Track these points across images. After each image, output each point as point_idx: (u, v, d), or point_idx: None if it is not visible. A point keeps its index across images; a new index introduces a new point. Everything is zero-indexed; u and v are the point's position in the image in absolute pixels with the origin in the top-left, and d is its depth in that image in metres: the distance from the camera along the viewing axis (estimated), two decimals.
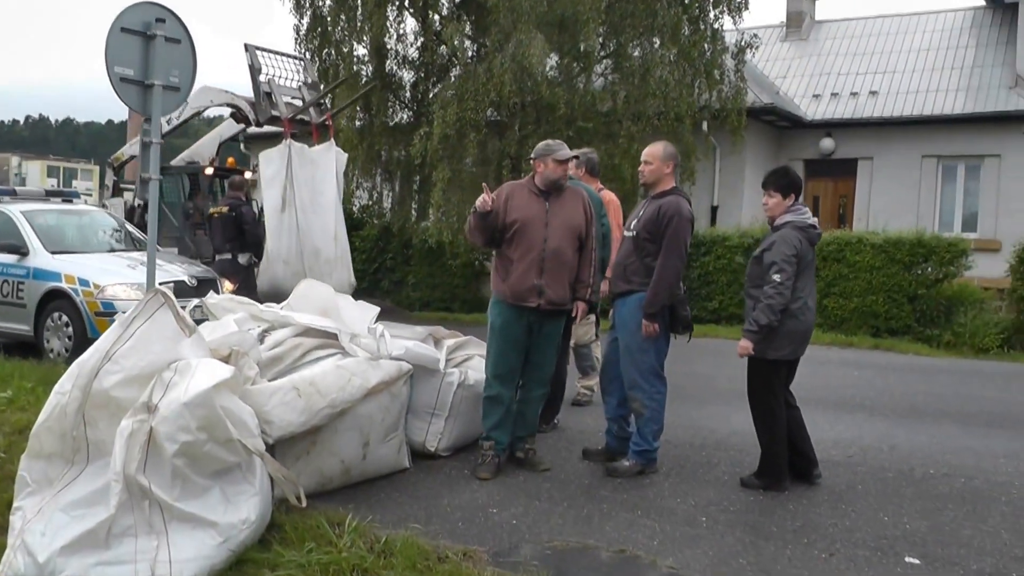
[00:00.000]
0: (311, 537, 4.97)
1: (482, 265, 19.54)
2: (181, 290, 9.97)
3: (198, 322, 5.64)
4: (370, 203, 19.56)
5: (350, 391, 5.66)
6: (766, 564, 4.93)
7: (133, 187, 14.83)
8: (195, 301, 6.92)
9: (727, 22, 18.01)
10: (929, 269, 13.90)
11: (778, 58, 23.98)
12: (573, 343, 8.38)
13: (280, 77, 12.95)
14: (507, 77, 15.47)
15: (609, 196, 8.60)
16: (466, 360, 6.96)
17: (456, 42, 16.76)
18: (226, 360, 5.32)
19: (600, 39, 17.32)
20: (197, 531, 4.68)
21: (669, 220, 6.20)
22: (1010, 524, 5.61)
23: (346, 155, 12.89)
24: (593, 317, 8.51)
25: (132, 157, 13.87)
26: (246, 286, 11.53)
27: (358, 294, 8.62)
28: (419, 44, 18.12)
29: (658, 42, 17.12)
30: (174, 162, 14.27)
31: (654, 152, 6.46)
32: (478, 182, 16.59)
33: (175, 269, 10.80)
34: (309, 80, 13.12)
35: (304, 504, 5.07)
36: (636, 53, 17.22)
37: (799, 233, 5.95)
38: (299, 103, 13.19)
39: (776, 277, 5.82)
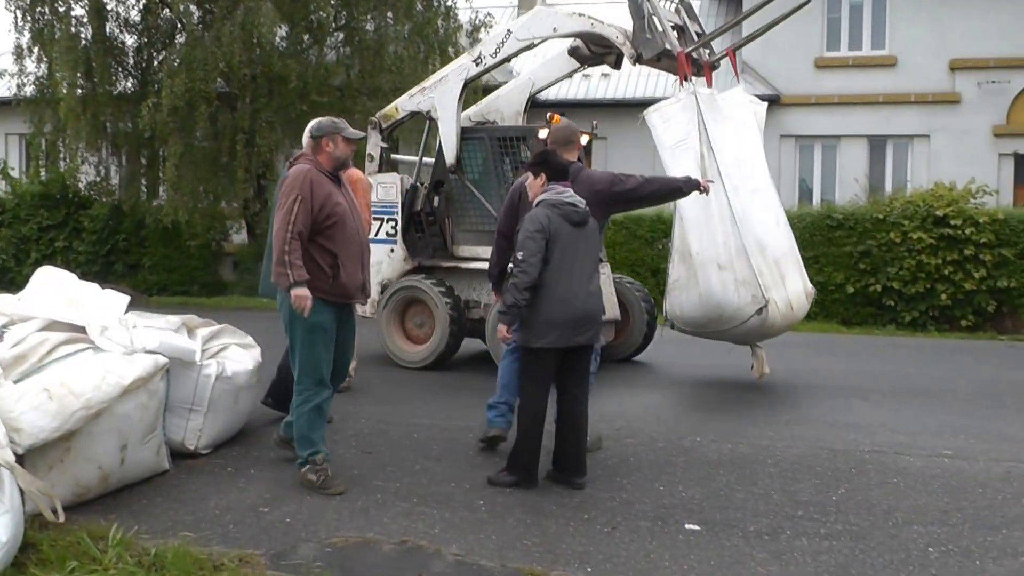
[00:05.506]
0: (72, 555, 4.52)
1: (220, 246, 18.77)
2: None
3: None
4: (98, 179, 18.31)
5: (105, 389, 5.16)
6: (551, 543, 4.94)
7: (413, 160, 10.62)
8: None
9: (460, 0, 18.08)
10: None
11: None
12: None
13: None
14: (236, 46, 15.07)
15: (357, 175, 8.34)
16: (222, 350, 6.54)
17: (181, 7, 16.04)
18: None
19: (332, 11, 17.07)
20: None
21: None
22: (779, 486, 5.91)
23: (764, 105, 9.11)
24: None
25: (414, 115, 10.02)
26: None
27: (89, 279, 7.01)
28: (141, 6, 17.19)
29: (392, 17, 16.98)
30: (472, 117, 9.97)
31: None
32: (211, 157, 16.06)
33: None
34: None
35: (62, 519, 4.59)
36: (370, 27, 17.01)
37: (549, 210, 5.76)
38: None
39: (519, 255, 5.65)
